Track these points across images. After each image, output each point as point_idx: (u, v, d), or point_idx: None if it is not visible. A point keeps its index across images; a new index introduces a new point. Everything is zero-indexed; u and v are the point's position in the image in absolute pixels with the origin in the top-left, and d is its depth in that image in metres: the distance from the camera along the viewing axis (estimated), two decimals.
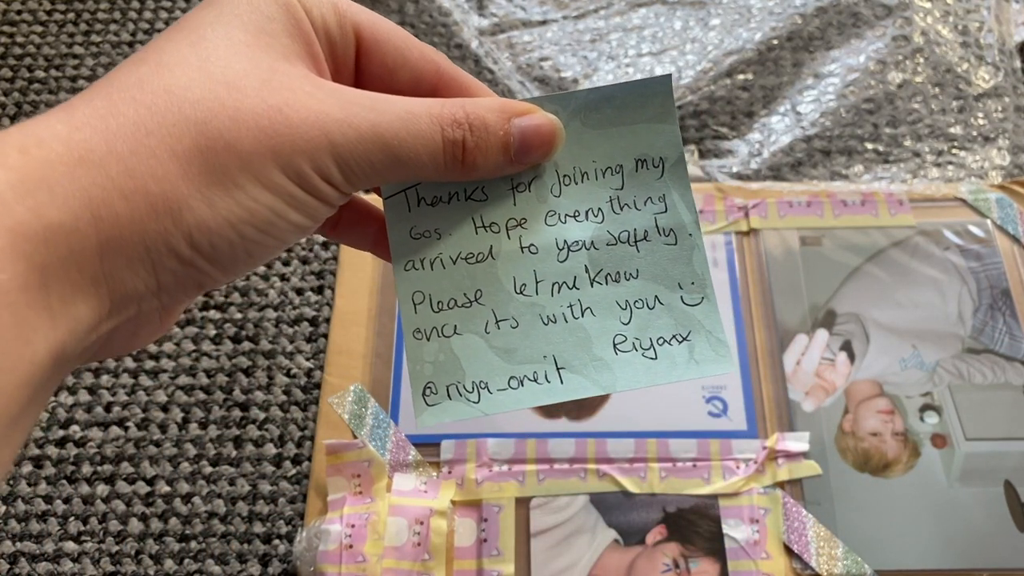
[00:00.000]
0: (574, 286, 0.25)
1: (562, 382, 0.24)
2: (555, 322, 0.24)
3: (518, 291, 0.25)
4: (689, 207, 0.25)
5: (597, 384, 0.24)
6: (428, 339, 0.25)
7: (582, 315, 0.25)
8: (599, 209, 0.25)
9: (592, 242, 0.25)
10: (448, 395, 0.24)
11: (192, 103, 0.20)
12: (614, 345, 0.24)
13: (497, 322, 0.24)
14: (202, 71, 0.20)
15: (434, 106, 0.22)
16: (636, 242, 0.25)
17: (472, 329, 0.25)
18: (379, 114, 0.21)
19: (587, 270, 0.25)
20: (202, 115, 0.20)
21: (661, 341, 0.24)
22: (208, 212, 0.20)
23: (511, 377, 0.24)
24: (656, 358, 0.24)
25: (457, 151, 0.22)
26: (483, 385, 0.24)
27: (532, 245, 0.25)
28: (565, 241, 0.25)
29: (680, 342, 0.24)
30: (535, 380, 0.24)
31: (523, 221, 0.25)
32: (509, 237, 0.25)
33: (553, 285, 0.25)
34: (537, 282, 0.25)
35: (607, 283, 0.25)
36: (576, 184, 0.25)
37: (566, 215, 0.25)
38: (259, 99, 0.20)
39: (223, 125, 0.20)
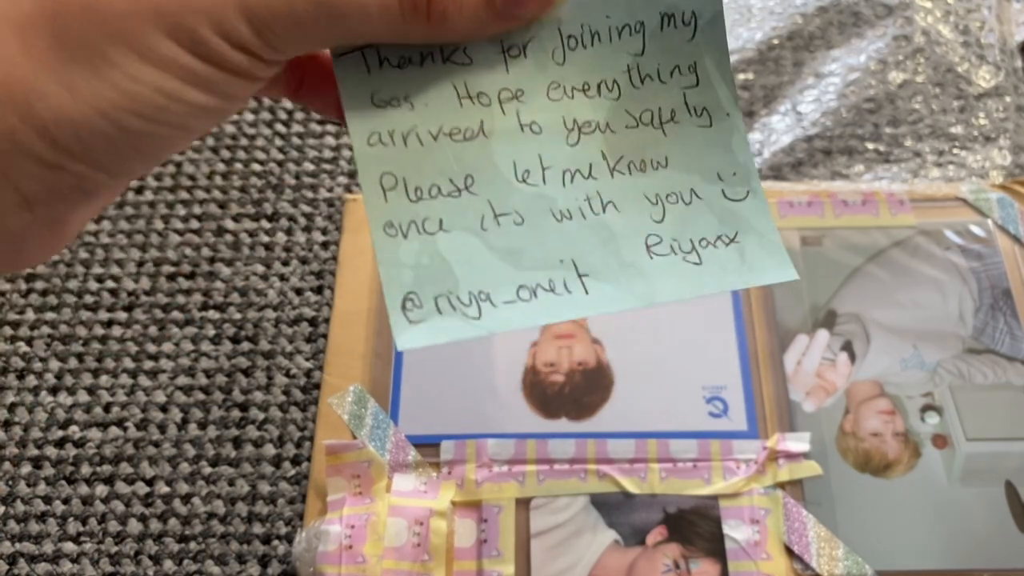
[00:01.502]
0: (590, 175, 0.20)
1: (587, 292, 0.19)
2: (570, 218, 0.20)
3: (520, 179, 0.20)
4: (726, 79, 0.20)
5: (632, 294, 0.20)
6: (406, 236, 0.20)
7: (603, 210, 0.20)
8: (614, 81, 0.20)
9: (607, 123, 0.20)
10: (437, 308, 0.19)
11: None
12: (647, 247, 0.20)
13: (496, 216, 0.20)
14: None
15: None
16: (662, 124, 0.20)
17: (463, 225, 0.20)
18: None
19: (604, 156, 0.20)
20: None
21: (704, 243, 0.20)
22: (68, 100, 0.15)
23: (520, 286, 0.19)
24: (701, 263, 0.20)
25: (419, 2, 0.17)
26: (484, 296, 0.19)
27: (534, 123, 0.20)
28: (575, 120, 0.20)
29: (727, 244, 0.20)
30: (551, 290, 0.19)
31: (519, 93, 0.20)
32: (504, 112, 0.20)
33: (564, 173, 0.20)
34: (544, 169, 0.20)
35: (631, 173, 0.20)
36: (585, 48, 0.20)
37: (573, 88, 0.20)
38: None
39: None
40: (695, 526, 0.38)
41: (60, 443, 0.41)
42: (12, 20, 0.14)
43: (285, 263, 0.46)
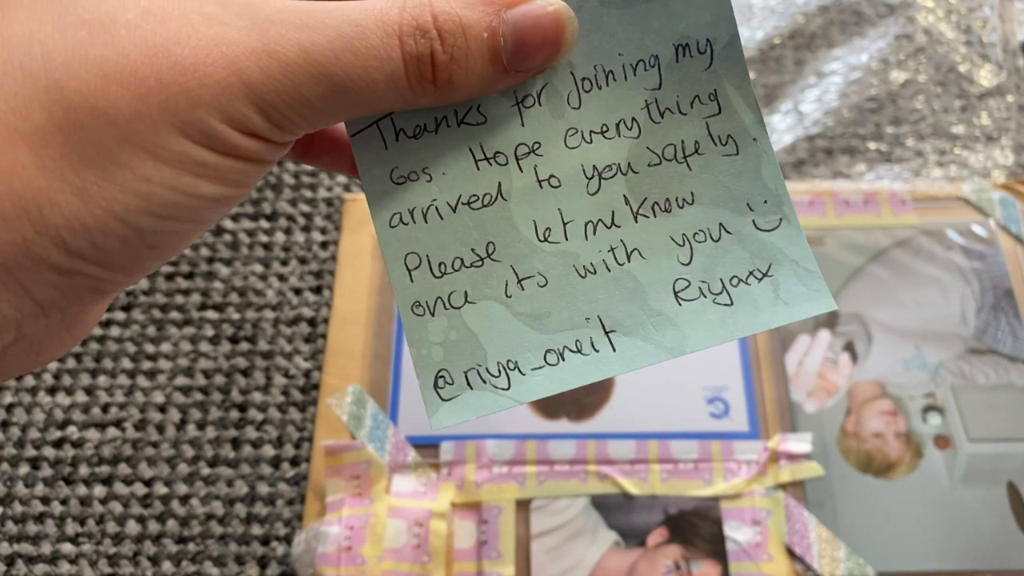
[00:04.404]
0: (613, 224, 0.19)
1: (614, 350, 0.19)
2: (595, 273, 0.19)
3: (541, 238, 0.20)
4: (749, 103, 0.19)
5: (661, 347, 0.19)
6: (433, 314, 0.19)
7: (628, 260, 0.19)
8: (633, 119, 0.19)
9: (629, 164, 0.19)
10: (468, 383, 0.19)
11: (41, 59, 0.15)
12: (675, 293, 0.19)
13: (519, 281, 0.20)
14: (54, 7, 0.15)
15: (389, 11, 0.17)
16: (686, 157, 0.19)
17: (488, 294, 0.19)
18: (312, 33, 0.16)
19: (627, 201, 0.19)
20: (56, 75, 0.15)
21: (735, 281, 0.19)
22: (81, 206, 0.15)
23: (547, 351, 0.19)
24: (732, 304, 0.19)
25: (425, 69, 0.17)
26: (512, 365, 0.19)
27: (552, 176, 0.20)
28: (594, 167, 0.20)
29: (760, 279, 0.19)
30: (579, 351, 0.19)
31: (536, 146, 0.19)
32: (521, 169, 0.19)
33: (586, 225, 0.19)
34: (565, 224, 0.20)
35: (655, 215, 0.19)
36: (600, 88, 0.19)
37: (591, 132, 0.19)
38: (136, 40, 0.15)
39: (87, 85, 0.15)
40: (696, 527, 0.38)
41: (58, 444, 0.41)
42: (24, 132, 0.14)
43: (284, 263, 0.46)
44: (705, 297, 0.19)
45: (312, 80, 0.16)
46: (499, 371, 0.19)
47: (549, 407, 0.41)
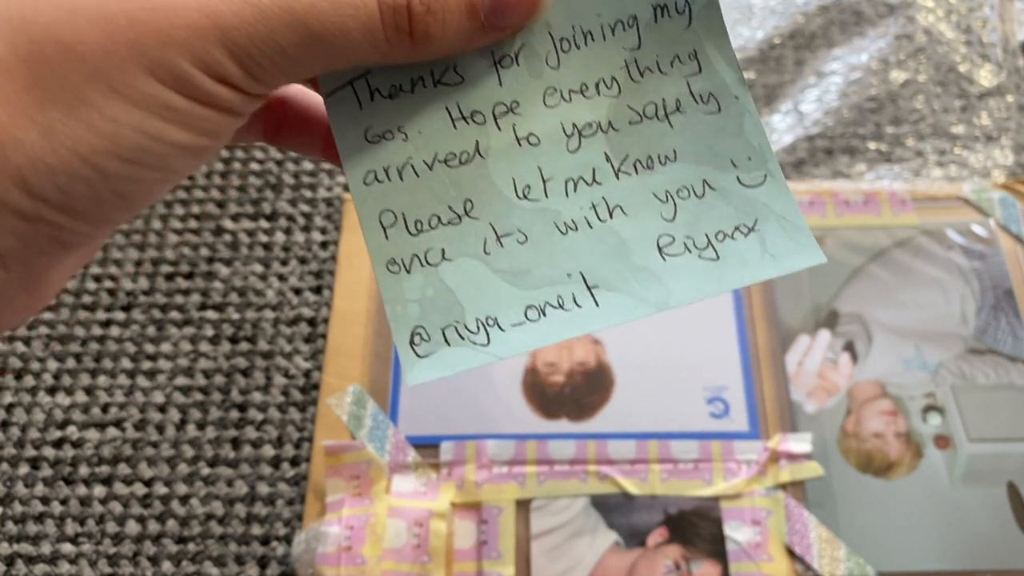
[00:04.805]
0: (594, 181, 0.19)
1: (597, 305, 0.19)
2: (576, 229, 0.19)
3: (521, 195, 0.19)
4: (730, 63, 0.19)
5: (645, 301, 0.19)
6: (409, 271, 0.19)
7: (610, 216, 0.19)
8: (612, 78, 0.19)
9: (609, 122, 0.19)
10: (445, 340, 0.19)
11: None
12: (659, 248, 0.19)
13: (499, 238, 0.19)
14: None
15: None
16: (667, 115, 0.19)
17: (466, 251, 0.19)
18: None
19: (608, 159, 0.19)
20: (20, 8, 0.14)
21: (721, 236, 0.19)
22: (45, 144, 0.14)
23: (528, 307, 0.19)
24: (718, 258, 0.19)
25: (401, 20, 0.16)
26: (491, 321, 0.19)
27: (531, 135, 0.19)
28: (574, 125, 0.19)
29: (746, 234, 0.19)
30: (560, 306, 0.19)
31: (515, 105, 0.19)
32: (499, 128, 0.19)
33: (567, 183, 0.19)
34: (544, 181, 0.19)
35: (637, 172, 0.19)
36: (578, 48, 0.19)
37: (570, 91, 0.19)
38: None
39: (53, 19, 0.14)
40: (696, 527, 0.38)
41: (58, 444, 0.41)
42: None
43: (284, 263, 0.46)
44: (690, 252, 0.19)
45: (286, 27, 0.15)
46: (478, 327, 0.19)
47: (549, 407, 0.41)
